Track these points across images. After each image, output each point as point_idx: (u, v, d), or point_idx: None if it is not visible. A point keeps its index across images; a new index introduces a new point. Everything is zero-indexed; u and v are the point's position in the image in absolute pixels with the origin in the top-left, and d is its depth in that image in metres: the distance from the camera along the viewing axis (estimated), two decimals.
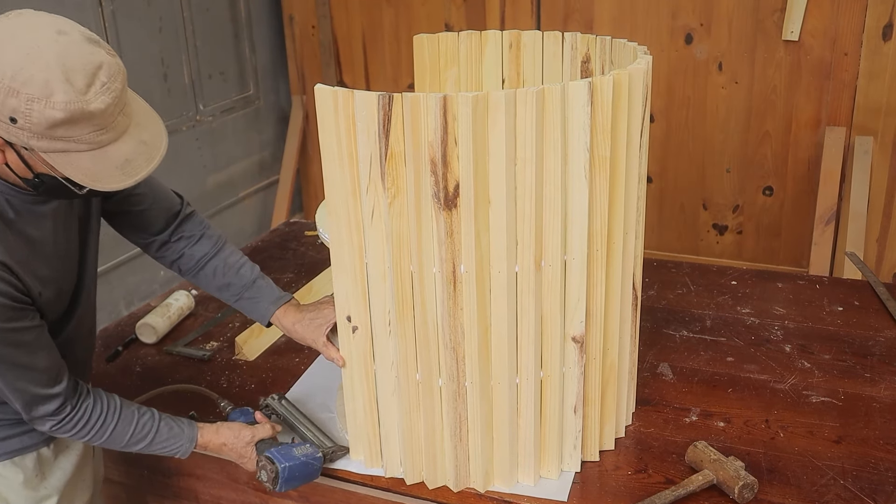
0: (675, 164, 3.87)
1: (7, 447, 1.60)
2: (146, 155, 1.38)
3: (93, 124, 1.30)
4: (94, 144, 1.32)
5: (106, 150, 1.33)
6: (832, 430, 1.76)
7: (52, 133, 1.28)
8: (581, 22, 3.83)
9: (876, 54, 3.36)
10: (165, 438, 1.63)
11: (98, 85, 1.29)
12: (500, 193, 1.41)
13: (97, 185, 1.34)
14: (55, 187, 1.39)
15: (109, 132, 1.33)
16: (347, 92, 1.41)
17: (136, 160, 1.36)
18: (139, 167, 1.37)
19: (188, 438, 1.65)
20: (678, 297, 2.38)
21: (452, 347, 1.51)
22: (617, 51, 1.76)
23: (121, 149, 1.35)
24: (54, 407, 1.50)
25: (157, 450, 1.64)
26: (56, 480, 1.68)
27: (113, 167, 1.34)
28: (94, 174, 1.33)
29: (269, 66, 4.57)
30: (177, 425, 1.65)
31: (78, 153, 1.31)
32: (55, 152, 1.30)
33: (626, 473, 1.66)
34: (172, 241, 1.81)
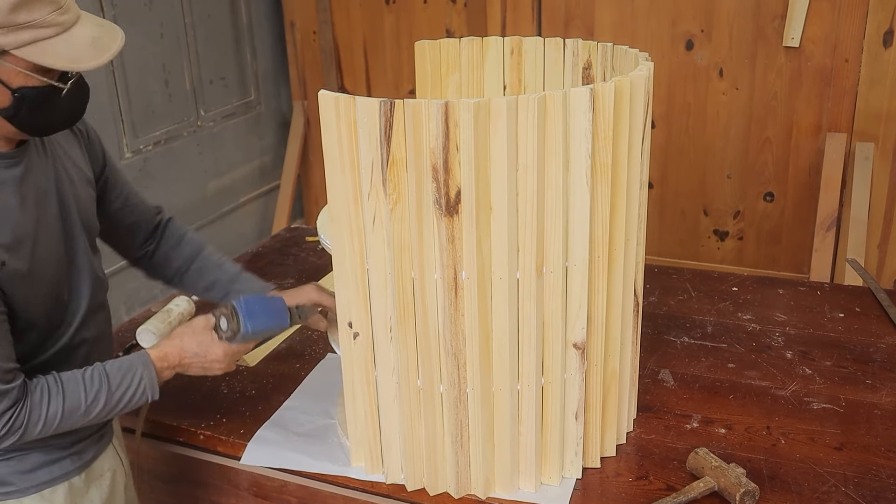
0: (675, 170, 3.87)
1: (37, 478, 1.52)
2: (109, 34, 1.41)
3: (50, 2, 1.32)
4: (59, 26, 1.34)
5: (72, 32, 1.35)
6: (833, 436, 1.76)
7: (16, 19, 1.29)
8: (582, 28, 3.84)
9: (877, 61, 3.37)
10: (120, 377, 1.50)
11: None
12: (502, 200, 1.41)
13: (77, 65, 1.35)
14: (37, 100, 1.38)
15: (67, 13, 1.35)
16: (349, 98, 1.41)
17: (101, 38, 1.39)
18: (108, 43, 1.39)
19: (142, 363, 1.53)
20: (679, 303, 2.38)
21: (454, 354, 1.51)
22: (618, 57, 1.77)
23: (83, 29, 1.37)
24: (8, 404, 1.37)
25: (121, 396, 1.50)
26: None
27: (85, 46, 1.36)
28: (71, 56, 1.34)
29: (271, 72, 4.58)
30: (125, 360, 1.53)
31: (48, 40, 1.33)
32: (27, 45, 1.31)
33: (627, 480, 1.66)
34: (156, 250, 1.83)
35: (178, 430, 1.88)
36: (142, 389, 1.53)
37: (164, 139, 3.82)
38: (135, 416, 1.78)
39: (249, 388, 2.02)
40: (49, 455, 1.52)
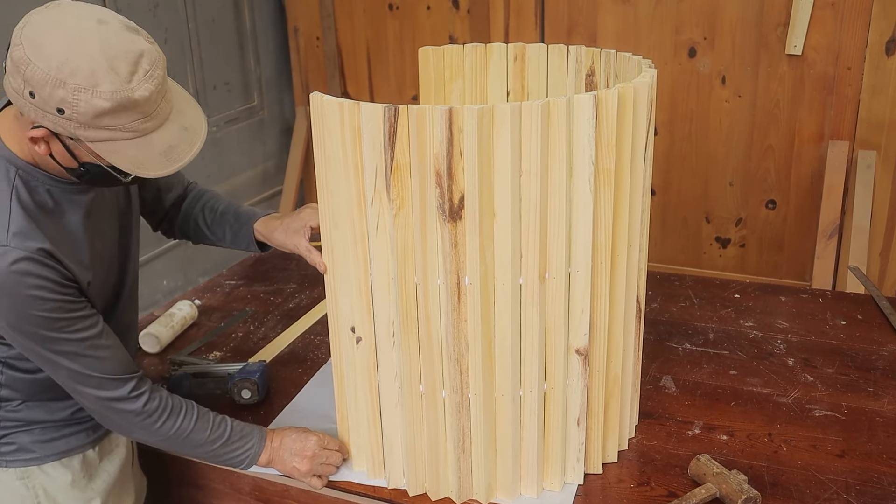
0: (678, 177, 3.88)
1: (55, 448, 1.62)
2: (188, 141, 1.40)
3: (137, 112, 1.31)
4: (139, 132, 1.33)
5: (150, 138, 1.35)
6: (835, 444, 1.76)
7: (99, 122, 1.29)
8: (585, 35, 3.85)
9: (879, 69, 3.37)
10: (238, 438, 1.64)
11: (141, 73, 1.31)
12: (505, 206, 1.42)
13: (142, 171, 1.36)
14: (99, 175, 1.41)
15: (153, 119, 1.34)
16: (353, 104, 1.42)
17: (178, 146, 1.39)
18: (182, 153, 1.39)
19: (258, 435, 1.67)
20: (681, 310, 2.38)
21: (456, 359, 1.51)
22: (621, 64, 1.77)
23: (164, 136, 1.37)
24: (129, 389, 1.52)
25: (230, 451, 1.64)
26: (102, 483, 1.70)
27: (157, 154, 1.36)
28: (139, 161, 1.35)
29: (274, 78, 4.59)
30: (247, 425, 1.68)
31: (123, 141, 1.33)
32: (101, 141, 1.32)
33: (628, 486, 1.66)
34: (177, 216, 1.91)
35: None
36: (246, 456, 1.67)
37: None
38: None
39: None
40: (67, 428, 1.63)
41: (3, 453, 1.59)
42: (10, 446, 1.59)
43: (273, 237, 1.80)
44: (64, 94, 1.26)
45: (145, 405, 1.54)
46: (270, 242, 1.82)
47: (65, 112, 1.28)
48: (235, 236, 1.86)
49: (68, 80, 1.26)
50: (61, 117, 1.29)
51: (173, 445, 1.62)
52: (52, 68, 1.26)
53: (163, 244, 3.84)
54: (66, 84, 1.26)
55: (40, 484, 1.62)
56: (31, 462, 1.61)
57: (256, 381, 1.93)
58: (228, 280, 2.69)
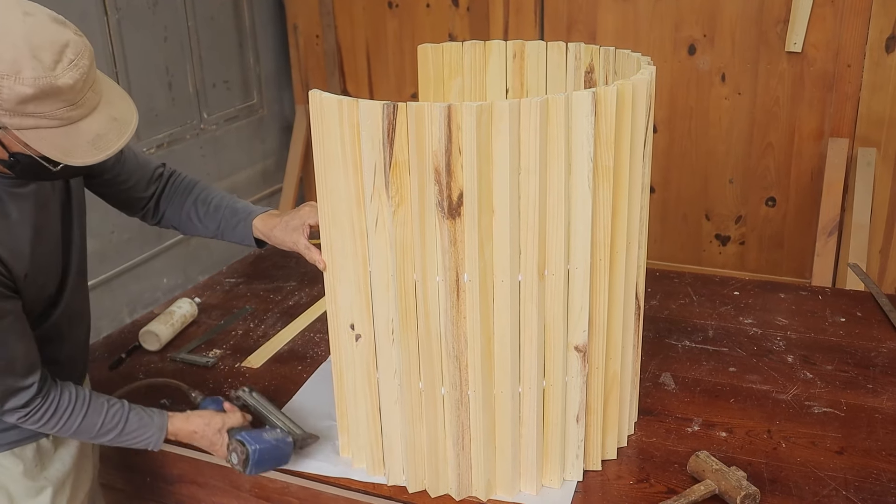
0: (677, 174, 3.88)
1: (6, 438, 1.63)
2: (117, 130, 1.42)
3: (62, 100, 1.32)
4: (65, 120, 1.34)
5: (77, 126, 1.36)
6: (834, 440, 1.76)
7: (23, 109, 1.30)
8: (584, 32, 3.85)
9: (879, 66, 3.37)
10: (136, 428, 1.65)
11: (66, 62, 1.32)
12: (504, 203, 1.42)
13: (69, 159, 1.37)
14: (30, 166, 1.41)
15: (79, 108, 1.35)
16: (352, 101, 1.42)
17: (107, 135, 1.40)
18: (110, 142, 1.40)
19: (158, 427, 1.67)
20: (680, 307, 2.38)
21: (455, 356, 1.52)
22: (620, 61, 1.77)
23: (91, 125, 1.38)
24: (25, 399, 1.52)
25: (128, 440, 1.66)
26: (55, 471, 1.71)
27: (84, 142, 1.37)
28: (66, 149, 1.36)
29: (273, 76, 4.59)
30: (146, 415, 1.67)
31: (50, 129, 1.34)
32: (27, 129, 1.33)
33: (627, 483, 1.66)
34: (157, 206, 1.88)
35: None
36: (144, 443, 1.68)
37: (167, 142, 3.83)
38: None
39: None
40: None
41: None
42: None
43: (272, 234, 1.80)
44: None
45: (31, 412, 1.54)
46: (269, 240, 1.82)
47: None
48: (232, 231, 1.86)
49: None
50: None
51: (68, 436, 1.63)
52: None
53: (163, 242, 3.84)
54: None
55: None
56: None
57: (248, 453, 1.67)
58: (228, 278, 2.69)
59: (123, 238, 3.55)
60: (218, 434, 1.70)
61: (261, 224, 1.82)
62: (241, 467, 1.65)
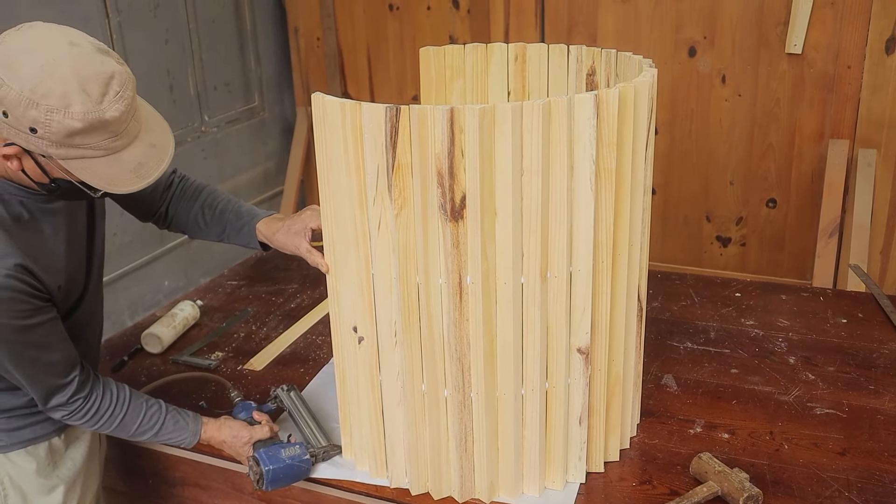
0: (678, 176, 3.88)
1: (21, 437, 1.65)
2: (156, 157, 1.45)
3: (108, 132, 1.36)
4: (109, 150, 1.38)
5: (120, 155, 1.40)
6: (837, 442, 1.76)
7: (70, 141, 1.34)
8: (585, 34, 3.85)
9: (879, 67, 3.37)
10: (171, 430, 1.73)
11: (112, 94, 1.35)
12: (507, 205, 1.42)
13: (112, 188, 1.41)
14: (70, 191, 1.46)
15: (122, 138, 1.39)
16: (355, 104, 1.42)
17: (147, 163, 1.43)
18: (151, 169, 1.44)
19: (192, 432, 1.75)
20: (682, 308, 2.38)
21: (458, 358, 1.52)
22: (622, 63, 1.77)
23: (133, 153, 1.42)
24: (67, 397, 1.58)
25: (163, 439, 1.74)
26: (67, 470, 1.74)
27: (127, 171, 1.40)
28: (109, 178, 1.40)
29: (274, 78, 4.59)
30: (182, 418, 1.75)
31: (94, 159, 1.37)
32: (72, 159, 1.36)
33: (630, 485, 1.67)
34: (168, 210, 1.92)
35: None
36: (179, 441, 1.76)
37: None
38: None
39: (253, 392, 2.03)
40: (32, 417, 1.66)
41: None
42: None
43: (274, 238, 1.81)
44: (37, 115, 1.30)
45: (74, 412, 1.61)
46: (271, 243, 1.83)
47: (37, 131, 1.32)
48: (237, 234, 1.88)
49: (41, 102, 1.30)
50: (34, 136, 1.33)
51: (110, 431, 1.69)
52: (25, 89, 1.30)
53: (164, 245, 3.85)
54: (38, 105, 1.30)
55: (5, 471, 1.65)
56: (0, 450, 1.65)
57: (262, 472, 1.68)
58: (230, 280, 2.69)
59: (125, 241, 3.55)
60: (244, 447, 1.75)
61: (264, 228, 1.83)
62: (258, 485, 1.68)
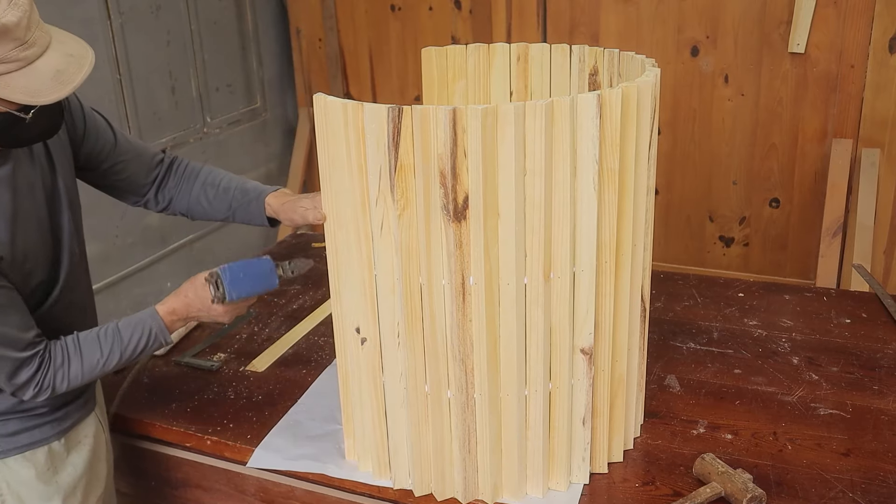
0: (681, 176, 3.88)
1: (18, 441, 1.63)
2: (76, 64, 1.43)
3: (11, 39, 1.34)
4: (22, 61, 1.36)
5: (35, 66, 1.38)
6: (840, 442, 1.76)
7: None
8: (587, 34, 3.85)
9: (882, 66, 3.37)
10: (132, 332, 1.66)
11: (5, 3, 1.33)
12: (510, 205, 1.42)
13: (37, 98, 1.38)
14: (3, 125, 1.42)
15: (32, 47, 1.37)
16: (357, 104, 1.42)
17: (66, 69, 1.41)
18: (72, 75, 1.41)
19: (150, 315, 1.69)
20: (685, 309, 2.38)
21: (461, 359, 1.52)
22: (624, 63, 1.77)
23: (48, 62, 1.39)
24: (34, 368, 1.54)
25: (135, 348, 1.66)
26: (68, 476, 1.71)
27: (47, 79, 1.39)
28: (32, 90, 1.38)
29: (276, 79, 4.59)
30: (135, 315, 1.69)
31: (9, 74, 1.36)
32: None
33: (633, 486, 1.66)
34: (158, 193, 1.90)
35: (186, 435, 1.88)
36: (153, 337, 1.68)
37: (171, 146, 3.84)
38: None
39: (256, 394, 2.02)
40: (30, 421, 1.65)
41: None
42: None
43: (282, 209, 1.82)
44: None
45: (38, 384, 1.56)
46: (279, 215, 1.84)
47: None
48: (245, 210, 1.88)
49: None
50: None
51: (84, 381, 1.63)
52: None
53: (167, 246, 3.85)
54: None
55: (3, 478, 1.64)
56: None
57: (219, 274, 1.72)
58: None
59: (127, 242, 3.55)
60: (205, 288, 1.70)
61: (273, 200, 1.84)
62: (221, 296, 1.64)
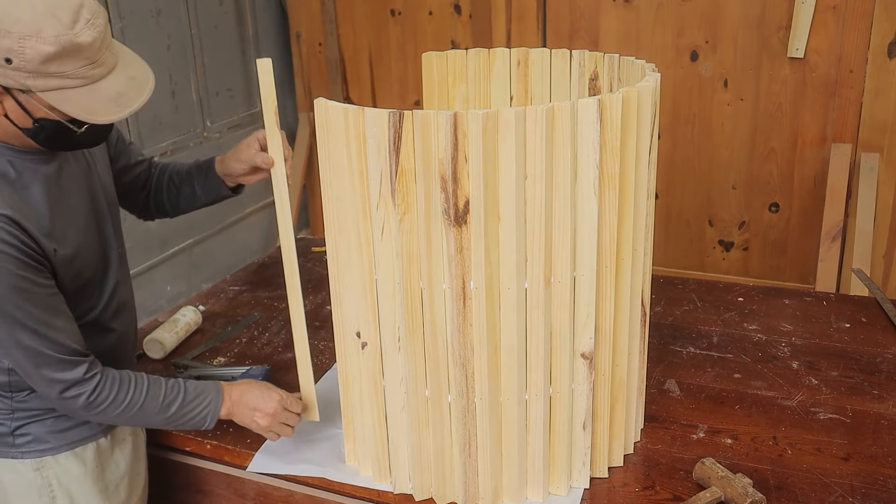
0: (681, 180, 3.88)
1: (68, 438, 1.65)
2: (136, 89, 1.46)
3: (83, 58, 1.37)
4: (87, 79, 1.39)
5: (98, 85, 1.41)
6: (840, 447, 1.76)
7: (46, 69, 1.35)
8: (587, 39, 3.85)
9: (881, 71, 3.38)
10: (193, 397, 1.64)
11: (83, 21, 1.37)
12: (510, 210, 1.42)
13: (94, 118, 1.41)
14: (55, 132, 1.45)
15: (99, 67, 1.41)
16: (358, 109, 1.42)
17: (127, 93, 1.44)
18: (131, 99, 1.45)
19: (214, 388, 1.68)
20: (685, 313, 2.38)
21: (462, 364, 1.52)
22: (624, 68, 1.78)
23: (112, 83, 1.43)
24: (83, 371, 1.51)
25: (188, 412, 1.64)
26: (111, 474, 1.74)
27: (107, 100, 1.41)
28: (90, 108, 1.41)
29: (277, 84, 4.58)
30: (201, 383, 1.68)
31: (73, 89, 1.38)
32: (51, 90, 1.37)
33: (633, 490, 1.66)
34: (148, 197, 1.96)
35: (186, 439, 1.88)
36: (206, 413, 1.66)
37: (171, 150, 3.84)
38: None
39: None
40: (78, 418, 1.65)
41: (18, 445, 1.62)
42: (24, 437, 1.62)
43: (229, 164, 1.86)
44: (10, 44, 1.32)
45: (97, 387, 1.53)
46: (227, 169, 1.87)
47: (12, 62, 1.33)
48: (206, 184, 1.92)
49: (12, 30, 1.31)
50: (10, 68, 1.34)
51: (132, 419, 1.60)
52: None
53: (166, 250, 3.85)
54: (10, 33, 1.31)
55: (54, 474, 1.65)
56: (46, 452, 1.64)
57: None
58: (232, 286, 2.69)
59: (127, 246, 3.54)
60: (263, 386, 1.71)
61: (219, 163, 1.89)
62: None
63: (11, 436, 1.62)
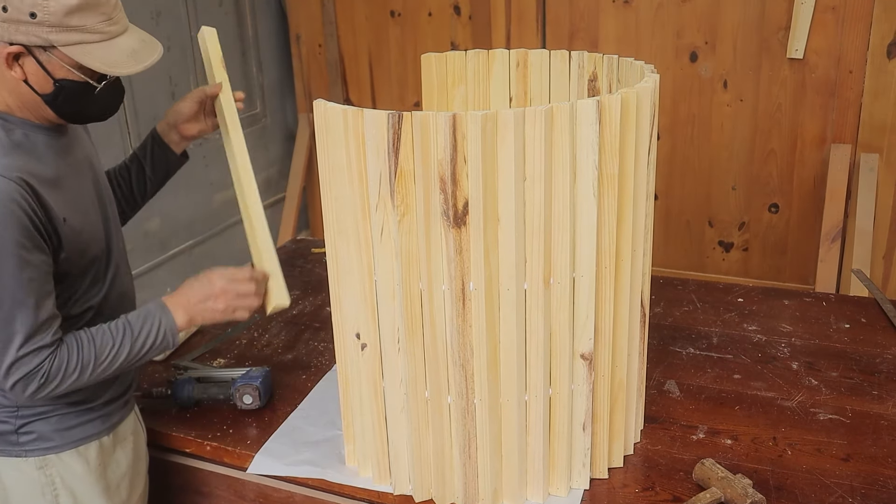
0: (680, 181, 3.88)
1: (72, 436, 1.67)
2: (148, 49, 1.57)
3: (100, 13, 1.47)
4: (105, 34, 1.49)
5: (115, 41, 1.51)
6: (840, 447, 1.76)
7: (69, 21, 1.44)
8: (586, 40, 3.86)
9: (881, 72, 3.37)
10: (140, 325, 1.61)
11: None
12: (509, 211, 1.42)
13: (115, 69, 1.50)
14: (74, 92, 1.53)
15: (115, 24, 1.51)
16: (357, 111, 1.42)
17: (141, 51, 1.55)
18: (145, 56, 1.55)
19: (158, 306, 1.65)
20: (684, 314, 2.38)
21: (461, 365, 1.52)
22: (624, 69, 1.78)
23: (126, 41, 1.53)
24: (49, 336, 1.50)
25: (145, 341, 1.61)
26: (113, 473, 1.75)
27: (124, 55, 1.51)
28: (110, 61, 1.50)
29: (276, 85, 4.60)
30: (140, 308, 1.66)
31: (92, 44, 1.48)
32: (72, 45, 1.46)
33: (633, 491, 1.66)
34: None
35: (186, 441, 1.88)
36: (162, 334, 1.64)
37: None
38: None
39: None
40: (83, 416, 1.67)
41: (23, 443, 1.63)
42: (29, 435, 1.63)
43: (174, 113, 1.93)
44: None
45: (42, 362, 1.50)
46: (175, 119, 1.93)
47: (37, 15, 1.41)
48: (152, 157, 1.95)
49: None
50: (34, 23, 1.42)
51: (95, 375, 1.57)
52: None
53: (166, 252, 3.85)
54: None
55: (58, 473, 1.66)
56: (50, 451, 1.65)
57: (259, 386, 1.94)
58: None
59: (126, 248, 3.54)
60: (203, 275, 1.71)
61: (160, 129, 1.94)
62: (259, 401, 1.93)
63: (16, 434, 1.62)
